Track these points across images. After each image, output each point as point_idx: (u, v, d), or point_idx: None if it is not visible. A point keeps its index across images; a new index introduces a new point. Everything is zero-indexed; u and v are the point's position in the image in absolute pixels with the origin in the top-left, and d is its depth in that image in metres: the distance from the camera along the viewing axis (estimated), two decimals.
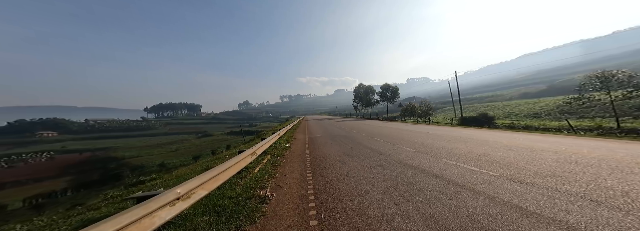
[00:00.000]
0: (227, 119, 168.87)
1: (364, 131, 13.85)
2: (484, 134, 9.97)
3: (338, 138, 11.14)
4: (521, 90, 56.94)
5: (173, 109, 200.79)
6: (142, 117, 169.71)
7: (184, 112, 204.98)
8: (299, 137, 13.19)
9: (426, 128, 13.91)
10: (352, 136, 11.65)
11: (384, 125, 19.06)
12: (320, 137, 12.41)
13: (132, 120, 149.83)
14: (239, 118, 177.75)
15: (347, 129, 16.21)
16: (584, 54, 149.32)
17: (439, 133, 10.85)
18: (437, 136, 9.95)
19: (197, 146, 71.69)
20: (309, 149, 8.45)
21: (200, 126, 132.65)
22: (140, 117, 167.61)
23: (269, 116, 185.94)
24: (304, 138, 12.63)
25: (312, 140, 11.16)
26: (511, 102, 34.54)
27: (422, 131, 12.43)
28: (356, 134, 12.65)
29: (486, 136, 9.03)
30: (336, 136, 12.32)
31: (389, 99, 43.61)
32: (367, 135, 11.64)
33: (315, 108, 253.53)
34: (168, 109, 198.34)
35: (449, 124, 17.96)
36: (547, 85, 50.20)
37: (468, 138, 8.88)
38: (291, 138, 12.46)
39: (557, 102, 21.22)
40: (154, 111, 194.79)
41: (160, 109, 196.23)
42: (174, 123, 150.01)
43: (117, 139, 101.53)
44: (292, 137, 13.15)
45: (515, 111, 22.37)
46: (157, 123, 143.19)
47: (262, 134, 18.92)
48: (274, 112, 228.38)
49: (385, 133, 12.23)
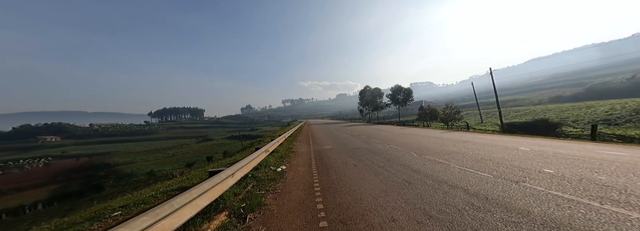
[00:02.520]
0: (229, 123, 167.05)
1: (391, 142, 10.30)
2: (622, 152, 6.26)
3: (361, 154, 7.60)
4: (545, 93, 52.42)
5: (176, 113, 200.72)
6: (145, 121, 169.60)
7: (187, 117, 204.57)
8: (301, 150, 9.65)
9: (483, 138, 9.88)
10: (379, 150, 8.17)
11: (409, 132, 15.37)
12: (331, 150, 8.87)
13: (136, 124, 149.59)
14: (241, 122, 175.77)
15: (363, 138, 12.62)
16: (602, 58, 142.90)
17: (541, 150, 6.49)
18: (545, 155, 5.81)
19: (195, 151, 68.77)
20: (319, 181, 4.66)
21: (201, 131, 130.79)
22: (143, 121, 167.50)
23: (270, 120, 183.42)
24: (307, 151, 9.09)
25: (320, 157, 7.70)
26: (549, 107, 30.30)
27: (488, 143, 8.44)
28: (383, 146, 9.15)
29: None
30: (355, 149, 8.85)
31: (400, 102, 39.85)
32: (406, 149, 8.07)
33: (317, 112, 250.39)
34: (171, 114, 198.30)
35: (497, 132, 14.12)
36: (585, 88, 45.68)
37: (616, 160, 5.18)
38: (289, 152, 8.92)
39: (631, 105, 17.27)
40: (157, 116, 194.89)
41: (164, 113, 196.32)
42: (176, 127, 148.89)
43: (118, 144, 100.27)
44: (290, 150, 9.62)
45: (568, 116, 18.47)
46: (160, 127, 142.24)
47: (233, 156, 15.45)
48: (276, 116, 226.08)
49: (431, 146, 8.36)
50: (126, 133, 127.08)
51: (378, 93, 50.70)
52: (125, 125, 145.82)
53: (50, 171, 51.94)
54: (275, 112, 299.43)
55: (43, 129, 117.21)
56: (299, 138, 15.59)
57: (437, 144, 8.71)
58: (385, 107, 47.88)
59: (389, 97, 41.70)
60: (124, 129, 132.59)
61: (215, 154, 47.94)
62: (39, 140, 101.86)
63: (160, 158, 60.26)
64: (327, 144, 10.95)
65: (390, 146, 8.66)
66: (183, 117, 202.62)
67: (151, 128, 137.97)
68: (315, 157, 7.50)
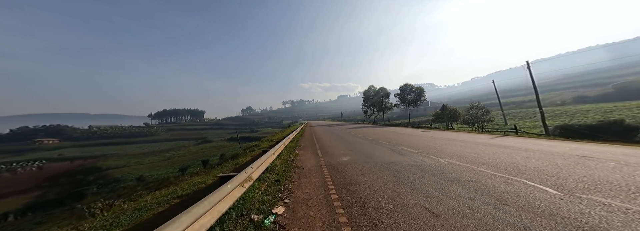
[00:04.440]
0: (229, 124, 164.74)
1: (433, 151, 7.53)
2: None
3: (411, 177, 4.71)
4: (566, 94, 49.23)
5: (176, 115, 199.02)
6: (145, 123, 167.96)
7: (187, 118, 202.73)
8: (307, 163, 6.81)
9: (588, 150, 6.30)
10: (434, 168, 5.37)
11: (440, 136, 12.45)
12: (353, 165, 6.02)
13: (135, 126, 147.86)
14: (242, 123, 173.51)
15: (384, 144, 9.75)
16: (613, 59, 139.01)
17: None
18: None
19: (192, 153, 66.25)
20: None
21: (201, 132, 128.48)
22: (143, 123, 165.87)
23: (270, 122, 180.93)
24: (316, 167, 6.26)
25: (343, 182, 4.78)
26: (585, 107, 27.22)
27: (603, 156, 5.41)
28: (428, 158, 6.38)
29: None
30: (391, 164, 5.99)
31: (410, 102, 36.89)
32: (479, 167, 5.22)
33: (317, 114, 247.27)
34: (172, 115, 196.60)
35: (546, 136, 11.19)
36: (614, 87, 42.54)
37: None
38: (289, 169, 6.06)
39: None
40: (158, 117, 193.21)
41: (164, 115, 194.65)
42: (176, 129, 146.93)
43: (116, 146, 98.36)
44: (291, 163, 6.75)
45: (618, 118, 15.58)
46: (159, 129, 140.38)
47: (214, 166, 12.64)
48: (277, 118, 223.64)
49: (520, 162, 5.41)
50: (125, 135, 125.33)
51: (384, 93, 47.81)
52: (125, 127, 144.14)
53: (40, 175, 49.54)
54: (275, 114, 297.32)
55: (41, 132, 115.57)
56: (303, 143, 12.74)
57: (525, 157, 5.71)
58: (392, 108, 44.99)
59: (398, 96, 38.77)
60: (123, 131, 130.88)
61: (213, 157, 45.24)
62: (36, 142, 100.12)
63: (156, 161, 57.67)
64: (341, 153, 8.08)
65: (444, 161, 5.75)
66: (183, 119, 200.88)
67: (150, 130, 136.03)
68: (335, 181, 4.64)
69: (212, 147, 76.84)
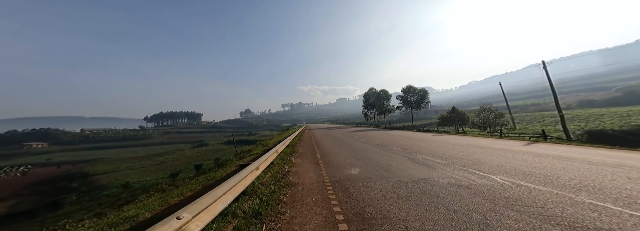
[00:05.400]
0: (227, 127, 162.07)
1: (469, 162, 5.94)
2: None
3: (470, 214, 3.01)
4: (570, 98, 48.37)
5: (173, 118, 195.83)
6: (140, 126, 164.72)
7: (184, 121, 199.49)
8: (304, 178, 5.20)
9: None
10: (495, 193, 3.69)
11: (461, 142, 10.88)
12: (369, 184, 4.39)
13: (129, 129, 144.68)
14: (240, 126, 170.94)
15: (396, 150, 8.14)
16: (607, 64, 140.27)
17: None
18: None
19: (187, 157, 63.99)
20: None
21: (198, 135, 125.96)
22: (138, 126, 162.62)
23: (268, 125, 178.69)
24: (317, 188, 4.57)
25: (368, 220, 2.99)
26: (600, 111, 26.06)
27: None
28: (472, 176, 4.79)
29: None
30: (423, 184, 4.39)
31: (414, 104, 35.49)
32: (562, 190, 3.63)
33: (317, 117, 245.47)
34: (168, 118, 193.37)
35: (589, 144, 9.67)
36: (622, 92, 41.72)
37: None
38: (281, 190, 4.42)
39: None
40: (154, 120, 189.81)
41: (161, 118, 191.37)
42: (172, 132, 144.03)
43: (109, 150, 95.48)
44: (283, 177, 5.11)
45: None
46: (155, 132, 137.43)
47: None
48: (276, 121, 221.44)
49: (605, 183, 3.84)
50: (119, 138, 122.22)
51: (385, 95, 46.50)
52: (118, 130, 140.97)
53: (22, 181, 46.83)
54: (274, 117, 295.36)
55: (30, 135, 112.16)
56: (300, 148, 11.09)
57: (627, 178, 4.11)
58: (394, 110, 43.63)
59: (400, 98, 37.40)
60: (116, 135, 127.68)
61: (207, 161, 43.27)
62: (24, 147, 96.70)
63: (147, 166, 55.27)
64: (348, 163, 6.45)
65: (503, 180, 4.07)
66: (180, 121, 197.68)
67: (146, 133, 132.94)
68: (347, 213, 3.00)
69: (208, 151, 74.60)
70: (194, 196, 4.30)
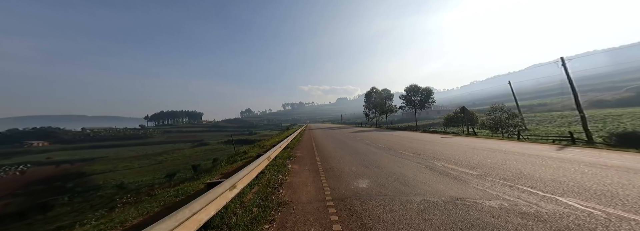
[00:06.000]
0: (227, 127, 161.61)
1: (520, 177, 4.92)
2: None
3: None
4: (572, 98, 47.14)
5: (174, 117, 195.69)
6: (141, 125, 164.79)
7: (184, 120, 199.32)
8: (301, 194, 4.25)
9: None
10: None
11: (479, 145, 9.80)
12: (382, 203, 3.52)
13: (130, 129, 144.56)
14: (240, 125, 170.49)
15: (408, 155, 7.17)
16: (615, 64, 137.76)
17: None
18: None
19: (186, 157, 63.30)
20: None
21: (198, 135, 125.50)
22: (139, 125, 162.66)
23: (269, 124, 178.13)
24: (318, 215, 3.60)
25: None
26: (603, 112, 25.02)
27: None
28: (552, 204, 3.55)
29: None
30: (480, 217, 3.26)
31: (417, 104, 34.36)
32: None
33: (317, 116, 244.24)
34: (169, 117, 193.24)
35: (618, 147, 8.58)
36: (635, 92, 40.42)
37: None
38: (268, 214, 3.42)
39: None
40: (154, 119, 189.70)
41: (161, 117, 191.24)
42: (172, 131, 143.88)
43: (109, 149, 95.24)
44: (274, 192, 4.11)
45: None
46: (155, 132, 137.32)
47: None
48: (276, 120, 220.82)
49: None
50: (119, 137, 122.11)
51: (387, 95, 45.40)
52: (119, 129, 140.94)
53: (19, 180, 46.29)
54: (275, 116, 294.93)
55: (30, 134, 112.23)
56: (298, 152, 10.09)
57: None
58: (397, 110, 42.58)
59: (403, 98, 36.28)
60: (117, 134, 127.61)
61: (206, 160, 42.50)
62: (24, 145, 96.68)
63: (145, 165, 54.59)
64: (353, 172, 5.43)
65: (582, 208, 2.89)
66: (181, 121, 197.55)
67: (146, 132, 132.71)
68: None
69: (208, 150, 73.98)
70: (139, 226, 3.33)
